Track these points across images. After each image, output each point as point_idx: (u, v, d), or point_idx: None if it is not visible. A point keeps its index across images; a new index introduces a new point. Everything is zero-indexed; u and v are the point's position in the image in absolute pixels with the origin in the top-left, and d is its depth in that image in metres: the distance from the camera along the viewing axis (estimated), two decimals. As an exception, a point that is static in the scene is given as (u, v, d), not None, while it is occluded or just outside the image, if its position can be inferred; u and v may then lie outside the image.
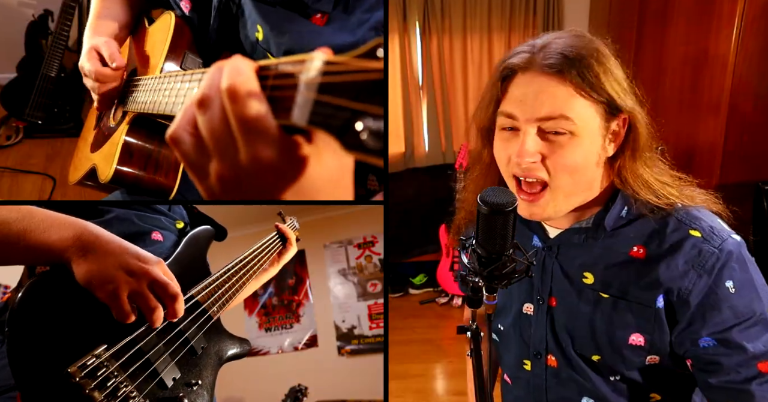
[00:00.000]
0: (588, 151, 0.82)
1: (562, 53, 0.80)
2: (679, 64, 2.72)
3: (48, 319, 0.71)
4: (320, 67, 0.46)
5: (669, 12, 2.79)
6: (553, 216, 0.87)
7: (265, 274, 1.29)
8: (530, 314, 0.96)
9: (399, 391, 2.66)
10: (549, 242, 0.94)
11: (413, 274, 3.80)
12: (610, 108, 0.82)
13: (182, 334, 0.83)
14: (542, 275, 0.94)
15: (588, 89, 0.79)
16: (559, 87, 0.79)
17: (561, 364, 0.94)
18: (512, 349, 1.01)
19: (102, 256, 0.74)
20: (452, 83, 3.57)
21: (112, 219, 0.93)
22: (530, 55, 0.82)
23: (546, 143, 0.81)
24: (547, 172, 0.82)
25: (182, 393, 0.78)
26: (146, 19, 1.35)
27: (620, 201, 0.88)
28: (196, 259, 0.99)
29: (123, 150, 1.15)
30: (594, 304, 0.89)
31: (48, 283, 0.74)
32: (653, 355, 0.88)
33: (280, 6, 0.98)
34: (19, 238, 0.74)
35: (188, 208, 1.14)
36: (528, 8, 3.45)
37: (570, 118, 0.79)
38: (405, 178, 3.69)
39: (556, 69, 0.79)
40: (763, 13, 2.39)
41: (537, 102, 0.80)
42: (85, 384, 0.67)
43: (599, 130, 0.82)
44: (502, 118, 0.85)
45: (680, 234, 0.85)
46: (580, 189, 0.85)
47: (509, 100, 0.83)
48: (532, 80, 0.81)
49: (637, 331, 0.86)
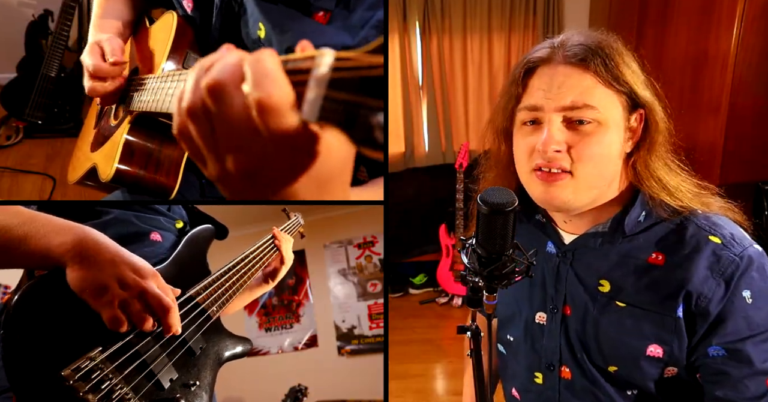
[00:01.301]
0: (612, 141, 0.81)
1: (584, 44, 0.81)
2: (679, 64, 2.72)
3: (44, 322, 0.71)
4: (331, 62, 0.46)
5: (669, 12, 2.79)
6: (571, 202, 0.82)
7: (259, 289, 1.27)
8: (543, 324, 0.93)
9: (399, 391, 2.66)
10: (564, 248, 0.91)
11: (413, 274, 3.80)
12: (631, 100, 0.82)
13: (180, 335, 0.83)
14: (556, 283, 0.91)
15: (611, 79, 0.80)
16: (583, 76, 0.80)
17: (575, 375, 0.90)
18: (522, 361, 0.97)
19: (97, 265, 0.74)
20: (452, 83, 3.56)
21: (111, 220, 0.93)
22: (551, 50, 0.83)
23: (571, 133, 0.80)
24: (571, 163, 0.80)
25: (179, 394, 0.78)
26: (147, 18, 1.35)
27: (639, 204, 0.86)
28: (195, 258, 0.99)
29: (124, 149, 1.15)
30: (610, 312, 0.86)
31: (45, 285, 0.74)
32: (671, 366, 0.84)
33: (282, 4, 0.98)
34: (20, 243, 0.74)
35: (188, 207, 1.14)
36: (528, 8, 3.45)
37: (595, 107, 0.79)
38: (405, 178, 3.69)
39: (579, 58, 0.80)
40: (763, 13, 2.39)
41: (561, 91, 0.80)
42: (79, 387, 0.67)
43: (622, 122, 0.82)
44: (523, 112, 0.84)
45: (700, 240, 0.82)
46: (601, 181, 0.83)
47: (531, 93, 0.83)
48: (555, 71, 0.81)
49: (655, 341, 0.83)
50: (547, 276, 0.92)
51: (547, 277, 0.92)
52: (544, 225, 0.94)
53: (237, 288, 1.03)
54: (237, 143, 0.51)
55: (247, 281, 1.09)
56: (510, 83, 0.86)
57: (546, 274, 0.93)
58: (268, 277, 1.27)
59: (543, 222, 0.94)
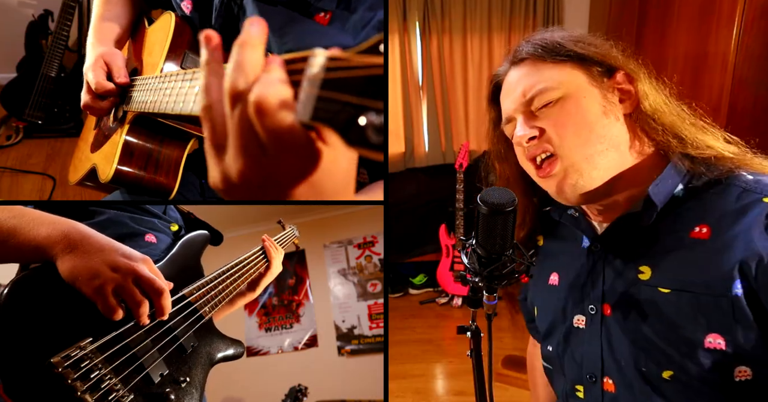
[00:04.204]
0: (584, 107, 0.78)
1: (528, 42, 0.84)
2: (679, 64, 2.72)
3: (34, 313, 0.71)
4: (323, 62, 0.46)
5: (669, 12, 2.79)
6: (580, 182, 0.77)
7: (243, 298, 1.24)
8: (582, 327, 0.83)
9: (399, 391, 2.66)
10: (598, 239, 0.83)
11: (413, 274, 3.80)
12: (594, 63, 0.80)
13: (171, 332, 0.83)
14: (593, 280, 0.83)
15: (549, 55, 0.81)
16: (526, 68, 0.83)
17: (620, 388, 0.78)
18: (565, 374, 0.88)
19: (88, 253, 0.75)
20: (452, 83, 3.56)
21: (105, 221, 0.94)
22: (507, 64, 0.87)
23: (543, 119, 0.80)
24: (553, 145, 0.78)
25: (169, 389, 0.78)
26: (146, 19, 1.35)
27: (669, 173, 0.77)
28: (189, 260, 0.99)
29: (123, 149, 1.15)
30: (654, 302, 0.74)
31: (36, 277, 0.74)
32: (742, 365, 0.69)
33: (282, 5, 0.98)
34: (9, 236, 0.75)
35: (184, 213, 1.14)
36: (528, 8, 3.45)
37: (546, 88, 0.79)
38: (405, 178, 3.69)
39: (519, 57, 0.84)
40: (763, 13, 2.38)
41: (516, 92, 0.82)
42: (68, 374, 0.67)
43: (588, 86, 0.80)
44: (507, 127, 0.86)
45: (750, 203, 0.71)
46: (591, 148, 0.77)
47: (503, 108, 0.87)
48: (509, 79, 0.85)
49: (712, 330, 0.69)
50: (582, 274, 0.85)
51: (583, 275, 0.85)
52: (577, 220, 0.88)
53: (230, 291, 1.03)
54: (244, 143, 0.51)
55: (240, 286, 1.09)
56: (486, 108, 0.91)
57: (582, 273, 0.85)
58: (251, 286, 1.25)
59: (576, 216, 0.89)
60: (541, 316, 0.94)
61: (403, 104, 3.55)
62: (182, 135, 1.18)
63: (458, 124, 3.64)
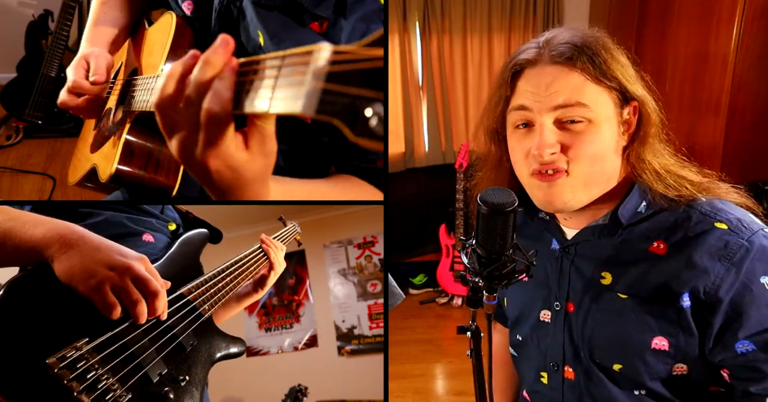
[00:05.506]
0: (606, 138, 0.80)
1: (569, 42, 0.80)
2: (679, 64, 2.72)
3: (30, 313, 0.71)
4: (328, 56, 0.46)
5: (669, 12, 2.79)
6: (571, 203, 0.81)
7: (249, 298, 1.24)
8: (548, 322, 0.92)
9: (399, 391, 2.66)
10: (566, 243, 0.90)
11: (413, 274, 3.80)
12: (622, 95, 0.81)
13: (170, 330, 0.83)
14: (559, 279, 0.91)
15: (599, 75, 0.79)
16: (571, 74, 0.79)
17: (578, 376, 0.88)
18: (531, 362, 0.97)
19: (83, 253, 0.75)
20: (452, 83, 3.57)
21: (102, 221, 0.94)
22: (537, 50, 0.82)
23: (564, 133, 0.79)
24: (567, 163, 0.79)
25: (168, 388, 0.77)
26: (146, 20, 1.35)
27: (636, 194, 0.84)
28: (188, 259, 0.99)
29: (124, 149, 1.15)
30: (612, 305, 0.84)
31: (32, 278, 0.74)
32: (680, 362, 0.81)
33: (278, 11, 0.97)
34: (5, 238, 0.75)
35: (183, 213, 1.14)
36: (528, 8, 3.45)
37: (586, 105, 0.78)
38: (405, 178, 3.69)
39: (565, 57, 0.79)
40: (763, 13, 2.38)
41: (550, 91, 0.79)
42: (63, 375, 0.66)
43: (615, 117, 0.81)
44: (514, 113, 0.83)
45: (704, 227, 0.79)
46: (599, 179, 0.82)
47: (520, 94, 0.82)
48: (543, 71, 0.80)
49: (659, 333, 0.80)
50: (551, 273, 0.92)
51: (551, 274, 0.92)
52: (548, 222, 0.94)
53: (230, 289, 1.03)
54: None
55: (241, 283, 1.08)
56: (498, 86, 0.85)
57: (550, 272, 0.93)
58: (257, 286, 1.25)
59: (547, 219, 0.94)
60: (510, 307, 1.03)
61: (403, 104, 3.55)
62: (182, 135, 1.17)
63: (458, 124, 3.64)
